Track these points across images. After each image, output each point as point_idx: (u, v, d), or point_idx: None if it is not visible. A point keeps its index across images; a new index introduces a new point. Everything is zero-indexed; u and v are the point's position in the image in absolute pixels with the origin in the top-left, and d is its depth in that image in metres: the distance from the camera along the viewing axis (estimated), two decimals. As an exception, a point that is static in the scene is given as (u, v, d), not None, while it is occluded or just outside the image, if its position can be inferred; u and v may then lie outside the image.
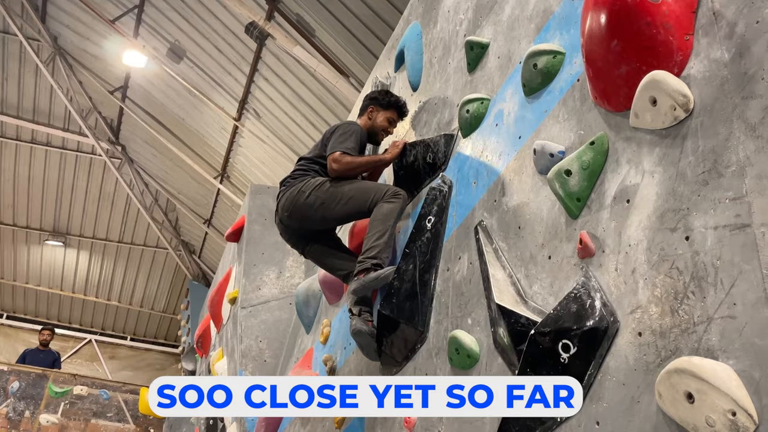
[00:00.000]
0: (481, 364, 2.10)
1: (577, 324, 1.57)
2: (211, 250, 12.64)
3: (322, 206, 3.10)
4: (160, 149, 10.78)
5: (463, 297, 2.35)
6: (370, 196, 3.03)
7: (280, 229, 3.36)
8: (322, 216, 3.13)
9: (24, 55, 10.34)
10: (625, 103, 1.65)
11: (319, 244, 3.31)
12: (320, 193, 3.10)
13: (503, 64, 2.55)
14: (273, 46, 7.61)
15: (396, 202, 2.98)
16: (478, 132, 2.61)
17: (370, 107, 3.42)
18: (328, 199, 3.09)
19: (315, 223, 3.21)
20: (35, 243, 13.20)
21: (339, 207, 3.09)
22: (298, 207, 3.14)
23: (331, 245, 3.34)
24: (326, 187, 3.11)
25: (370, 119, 3.41)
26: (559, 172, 1.81)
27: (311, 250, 3.34)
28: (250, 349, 5.40)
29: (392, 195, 3.00)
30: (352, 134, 3.24)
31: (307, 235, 3.30)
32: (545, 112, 2.10)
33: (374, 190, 3.06)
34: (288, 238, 3.38)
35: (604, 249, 1.62)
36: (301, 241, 3.33)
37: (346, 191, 3.09)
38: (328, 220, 3.18)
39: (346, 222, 3.39)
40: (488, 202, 2.35)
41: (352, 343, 3.51)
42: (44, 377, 8.66)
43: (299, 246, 3.36)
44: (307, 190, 3.12)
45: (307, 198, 3.11)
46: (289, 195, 3.18)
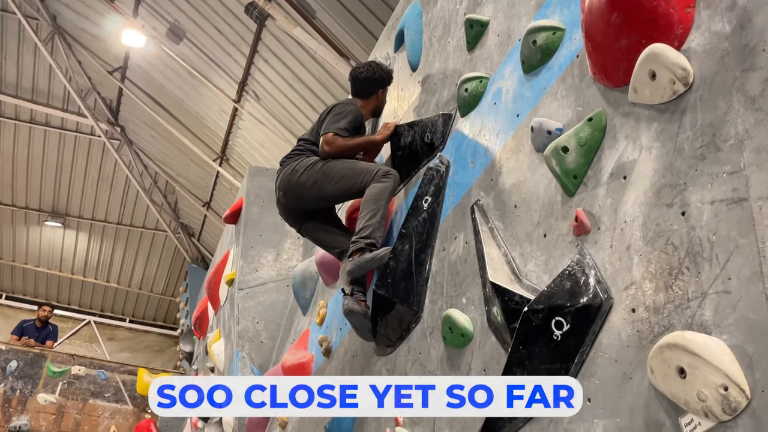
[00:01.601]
0: (474, 343, 2.09)
1: (570, 301, 1.56)
2: (210, 232, 12.63)
3: (315, 185, 3.12)
4: (159, 131, 10.73)
5: (458, 276, 2.33)
6: (361, 175, 3.04)
7: (279, 209, 3.40)
8: (315, 195, 3.15)
9: (23, 34, 10.26)
10: (624, 78, 1.62)
11: (315, 222, 3.33)
12: (312, 172, 3.12)
13: (503, 41, 2.52)
14: (273, 27, 7.54)
15: (387, 182, 2.98)
16: (477, 111, 2.58)
17: (380, 90, 3.48)
18: (321, 179, 3.11)
19: (309, 202, 3.23)
20: (34, 224, 13.18)
21: (331, 186, 3.10)
22: (292, 186, 3.17)
23: (326, 223, 3.35)
24: (318, 166, 3.12)
25: (378, 100, 3.49)
26: (556, 149, 1.78)
27: (307, 228, 3.36)
28: (247, 331, 5.40)
29: (383, 175, 3.00)
30: (347, 114, 3.24)
31: (303, 214, 3.32)
32: (544, 89, 2.07)
33: (365, 170, 3.06)
34: (286, 217, 3.41)
35: (599, 226, 1.60)
36: (298, 220, 3.35)
37: (337, 171, 3.10)
38: (321, 199, 3.20)
39: (340, 201, 3.40)
40: (485, 181, 2.33)
41: (347, 324, 3.50)
42: (42, 357, 8.69)
43: (296, 224, 3.38)
44: (301, 170, 3.14)
45: (300, 177, 3.13)
46: (284, 174, 3.22)
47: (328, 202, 3.31)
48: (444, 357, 2.26)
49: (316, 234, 3.33)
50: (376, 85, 3.46)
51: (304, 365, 4.05)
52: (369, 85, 3.46)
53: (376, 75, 3.46)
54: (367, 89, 3.46)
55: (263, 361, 5.31)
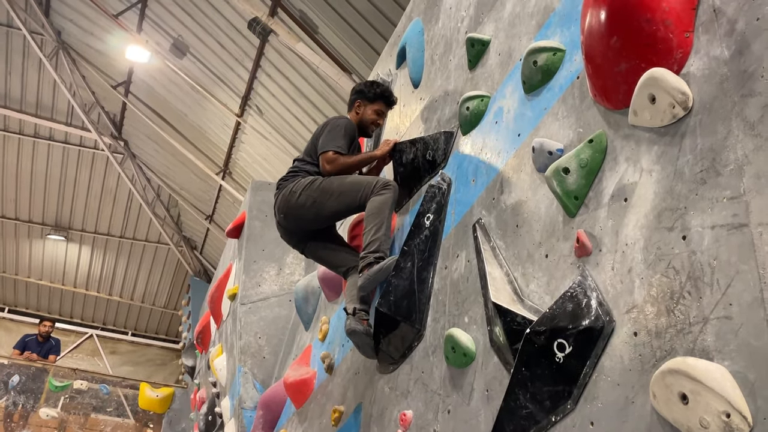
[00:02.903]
0: (477, 363, 2.08)
1: (572, 323, 1.56)
2: (213, 246, 12.64)
3: (314, 204, 3.10)
4: (162, 145, 10.78)
5: (460, 295, 2.33)
6: (360, 189, 3.03)
7: (279, 231, 3.37)
8: (316, 214, 3.13)
9: (27, 50, 10.34)
10: (624, 100, 1.63)
11: (318, 242, 3.30)
12: (311, 191, 3.10)
13: (504, 61, 2.53)
14: (276, 43, 7.60)
15: (387, 193, 2.98)
16: (478, 129, 2.60)
17: (357, 101, 3.39)
18: (320, 197, 3.09)
19: (310, 222, 3.21)
20: (37, 237, 13.20)
21: (331, 203, 3.09)
22: (291, 207, 3.15)
23: (329, 242, 3.33)
24: (317, 185, 3.11)
25: (358, 114, 3.37)
26: (557, 170, 1.79)
27: (310, 249, 3.33)
28: (250, 346, 5.39)
29: (382, 186, 3.00)
30: (341, 129, 3.22)
31: (305, 235, 3.29)
32: (545, 109, 2.09)
33: (364, 183, 3.05)
34: (288, 239, 3.38)
35: (601, 248, 1.60)
36: (301, 241, 3.32)
37: (336, 187, 3.09)
38: (322, 217, 3.18)
39: (341, 218, 3.38)
40: (487, 200, 2.33)
41: (349, 340, 3.50)
42: (44, 371, 8.67)
43: (299, 246, 3.36)
44: (298, 190, 3.12)
45: (298, 198, 3.11)
46: (282, 196, 3.19)
47: (329, 220, 3.29)
48: (446, 376, 2.25)
49: (320, 253, 3.31)
50: (354, 95, 3.42)
51: (306, 381, 4.04)
52: (351, 96, 3.45)
53: (357, 88, 3.45)
54: (350, 100, 3.46)
55: (265, 377, 5.30)
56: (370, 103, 3.36)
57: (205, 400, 6.85)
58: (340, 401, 3.38)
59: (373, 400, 2.91)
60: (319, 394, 3.79)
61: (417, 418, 2.40)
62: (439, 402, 2.26)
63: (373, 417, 2.84)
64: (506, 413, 1.74)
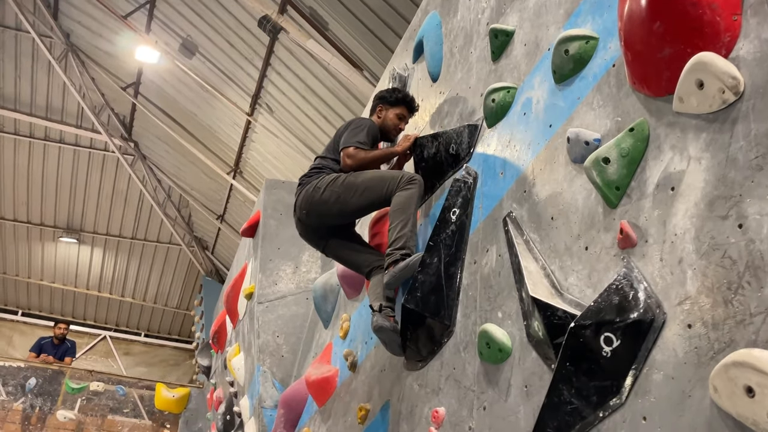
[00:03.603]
0: (513, 359, 2.05)
1: (619, 316, 1.52)
2: (224, 245, 12.64)
3: (339, 200, 3.08)
4: (172, 145, 10.78)
5: (492, 290, 2.30)
6: (385, 185, 3.02)
7: (299, 229, 3.35)
8: (339, 210, 3.11)
9: (37, 53, 10.36)
10: (667, 87, 1.59)
11: (339, 241, 3.28)
12: (335, 187, 3.09)
13: (530, 51, 2.49)
14: (285, 40, 7.57)
15: (412, 188, 2.95)
16: (505, 121, 2.56)
17: (379, 106, 3.43)
18: (344, 193, 3.08)
19: (333, 219, 3.20)
20: (49, 240, 13.25)
21: (355, 199, 3.07)
22: (315, 204, 3.13)
23: (350, 241, 3.31)
24: (340, 181, 3.10)
25: (380, 118, 3.41)
26: (596, 160, 1.75)
27: (331, 248, 3.31)
28: (268, 345, 5.38)
29: (407, 182, 2.98)
30: (364, 128, 3.25)
31: (326, 233, 3.28)
32: (578, 99, 2.04)
33: (389, 178, 3.04)
34: (308, 237, 3.36)
35: (647, 239, 1.57)
36: (322, 239, 3.30)
37: (360, 183, 3.08)
38: (346, 213, 3.17)
39: (365, 214, 3.37)
40: (517, 192, 2.30)
41: (373, 337, 3.47)
42: (61, 373, 8.70)
43: (320, 244, 3.34)
44: (323, 186, 3.11)
45: (322, 194, 3.10)
46: (305, 193, 3.18)
47: (353, 216, 3.28)
48: (481, 372, 2.22)
49: (341, 253, 3.29)
50: (376, 101, 3.47)
51: (328, 379, 4.02)
52: (373, 102, 3.51)
53: (379, 93, 3.51)
54: (372, 105, 3.51)
55: (284, 376, 5.28)
56: (392, 107, 3.39)
57: (222, 399, 6.85)
58: (365, 399, 3.35)
59: (401, 397, 2.88)
60: (343, 392, 3.77)
61: (450, 415, 2.37)
62: (474, 398, 2.23)
63: (403, 414, 2.81)
64: (549, 409, 1.71)
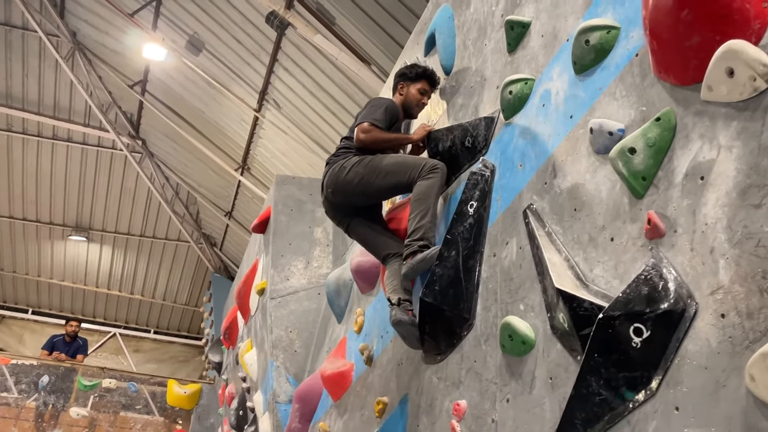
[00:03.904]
0: (537, 351, 2.05)
1: (649, 307, 1.52)
2: (233, 242, 12.67)
3: (362, 181, 3.14)
4: (180, 142, 10.79)
5: (513, 282, 2.29)
6: (408, 170, 3.04)
7: (325, 206, 3.42)
8: (363, 191, 3.17)
9: (44, 52, 10.37)
10: (694, 76, 1.58)
11: (362, 221, 3.33)
12: (360, 168, 3.15)
13: (548, 42, 2.48)
14: (292, 36, 7.55)
15: (434, 177, 2.96)
16: (523, 113, 2.55)
17: (400, 84, 3.47)
18: (368, 174, 3.13)
19: (357, 199, 3.26)
20: (58, 238, 13.30)
21: (378, 181, 3.12)
22: (340, 183, 3.19)
23: (374, 224, 3.34)
24: (365, 162, 3.16)
25: (402, 95, 3.45)
26: (621, 150, 1.74)
27: (354, 229, 3.36)
28: (281, 340, 5.39)
29: (430, 170, 2.99)
30: (382, 106, 3.30)
31: (350, 211, 3.32)
32: (599, 89, 2.03)
33: (412, 164, 3.06)
34: (333, 215, 3.42)
35: (676, 229, 1.56)
36: (346, 218, 3.35)
37: (384, 166, 3.12)
38: (369, 195, 3.22)
39: (388, 197, 3.42)
40: (537, 184, 2.29)
41: (389, 331, 3.48)
42: (73, 371, 8.74)
43: (343, 223, 3.39)
44: (348, 167, 3.17)
45: (347, 174, 3.16)
46: (331, 172, 3.24)
47: (375, 198, 3.34)
48: (503, 365, 2.22)
49: (363, 233, 3.32)
50: (396, 78, 3.51)
51: (344, 374, 4.03)
52: (394, 80, 3.54)
53: (399, 72, 3.54)
54: (394, 84, 3.54)
55: (298, 371, 5.30)
56: (413, 83, 3.42)
57: (234, 395, 6.87)
58: (382, 393, 3.36)
59: (420, 390, 2.88)
60: (359, 386, 3.78)
61: (472, 408, 2.37)
62: (496, 391, 2.23)
63: (422, 408, 2.81)
64: (577, 400, 1.70)
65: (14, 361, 8.82)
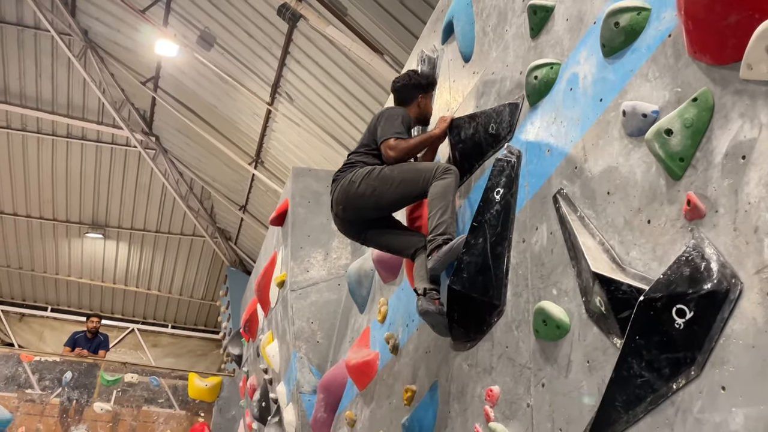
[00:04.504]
0: (572, 335, 2.05)
1: (692, 288, 1.52)
2: (247, 235, 12.73)
3: (374, 193, 3.10)
4: (193, 138, 10.83)
5: (544, 267, 2.30)
6: (421, 176, 3.04)
7: (337, 224, 3.38)
8: (375, 203, 3.13)
9: (56, 51, 10.43)
10: (733, 55, 1.56)
11: (378, 230, 3.29)
12: (371, 180, 3.11)
13: (573, 26, 2.46)
14: (304, 28, 7.54)
15: (449, 178, 2.98)
16: (549, 98, 2.54)
17: (419, 96, 3.43)
18: (380, 185, 3.09)
19: (369, 212, 3.21)
20: (75, 236, 13.42)
21: (391, 191, 3.09)
22: (351, 197, 3.15)
23: (390, 228, 3.32)
24: (375, 173, 3.12)
25: (420, 107, 3.43)
26: (658, 132, 1.73)
27: (371, 238, 3.33)
28: (303, 331, 5.43)
29: (443, 172, 3.00)
30: (398, 117, 3.26)
31: (364, 225, 3.29)
32: (630, 71, 2.02)
33: (424, 170, 3.06)
34: (347, 232, 3.39)
35: (717, 209, 1.55)
36: (361, 232, 3.32)
37: (396, 175, 3.09)
38: (382, 206, 3.18)
39: (400, 207, 3.36)
40: (567, 169, 2.28)
41: (414, 320, 3.49)
42: (95, 366, 8.85)
43: (359, 237, 3.36)
44: (358, 180, 3.12)
45: (358, 187, 3.11)
46: (340, 188, 3.19)
47: (389, 210, 3.27)
48: (537, 350, 2.23)
49: (383, 241, 3.29)
50: (413, 91, 3.44)
51: (369, 363, 4.06)
52: (407, 92, 3.46)
53: (412, 81, 3.47)
54: (406, 96, 3.46)
55: (321, 361, 5.33)
56: (428, 93, 3.46)
57: (256, 387, 6.93)
58: (410, 381, 3.38)
59: (450, 377, 2.90)
60: (385, 375, 3.80)
61: (505, 393, 2.38)
62: (531, 376, 2.24)
63: (453, 394, 2.83)
64: (618, 383, 1.71)
65: (37, 358, 8.94)
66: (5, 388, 8.60)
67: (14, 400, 8.54)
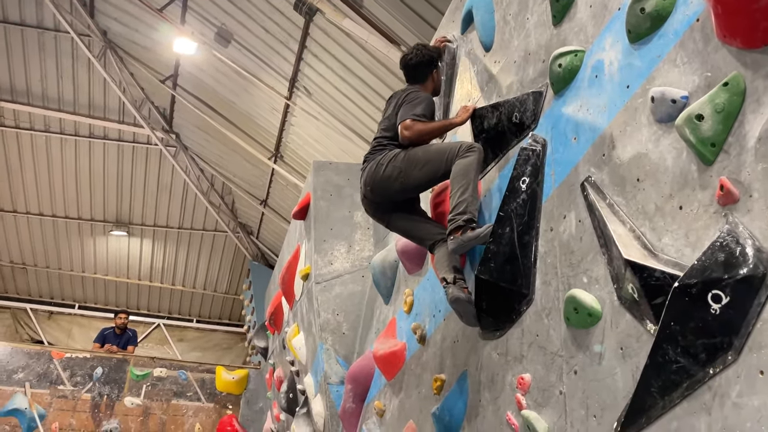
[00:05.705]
0: (604, 322, 2.06)
1: (728, 273, 1.52)
2: (269, 230, 12.83)
3: (401, 175, 3.15)
4: (213, 134, 10.92)
5: (573, 255, 2.30)
6: (444, 155, 3.06)
7: (365, 205, 3.43)
8: (402, 185, 3.18)
9: (76, 52, 10.56)
10: (764, 38, 1.56)
11: (402, 215, 3.36)
12: (397, 162, 3.16)
13: (597, 12, 2.45)
14: (320, 21, 7.55)
15: (471, 156, 2.98)
16: (574, 86, 2.53)
17: (435, 71, 3.55)
18: (406, 168, 3.14)
19: (396, 194, 3.26)
20: (100, 234, 13.63)
21: (417, 173, 3.13)
22: (379, 180, 3.21)
23: (414, 216, 3.37)
24: (401, 156, 3.17)
25: (434, 81, 3.55)
26: (689, 117, 1.73)
27: (395, 223, 3.39)
28: (328, 323, 5.48)
29: (466, 150, 3.01)
30: (422, 101, 3.29)
31: (390, 208, 3.35)
32: (658, 57, 2.01)
33: (448, 149, 3.09)
34: (373, 213, 3.44)
35: (751, 193, 1.55)
36: (385, 214, 3.38)
37: (421, 156, 3.14)
38: (408, 188, 3.23)
39: (427, 188, 3.41)
40: (595, 157, 2.28)
41: (441, 310, 3.52)
42: (125, 361, 9.02)
43: (384, 219, 3.41)
44: (385, 163, 3.19)
45: (385, 170, 3.17)
46: (368, 170, 3.25)
47: (415, 191, 3.32)
48: (568, 338, 2.24)
49: (405, 226, 3.35)
50: (428, 67, 3.53)
51: (396, 353, 4.09)
52: (421, 69, 3.53)
53: (425, 57, 3.53)
54: (420, 74, 3.52)
55: (347, 352, 5.38)
56: (439, 66, 3.60)
57: (283, 378, 7.02)
58: (438, 370, 3.40)
59: (479, 366, 2.92)
60: (413, 365, 3.83)
61: (537, 381, 2.40)
62: (563, 363, 2.25)
63: (483, 383, 2.85)
64: (653, 369, 1.72)
65: (68, 355, 9.13)
66: (38, 385, 8.79)
67: (47, 397, 8.73)
